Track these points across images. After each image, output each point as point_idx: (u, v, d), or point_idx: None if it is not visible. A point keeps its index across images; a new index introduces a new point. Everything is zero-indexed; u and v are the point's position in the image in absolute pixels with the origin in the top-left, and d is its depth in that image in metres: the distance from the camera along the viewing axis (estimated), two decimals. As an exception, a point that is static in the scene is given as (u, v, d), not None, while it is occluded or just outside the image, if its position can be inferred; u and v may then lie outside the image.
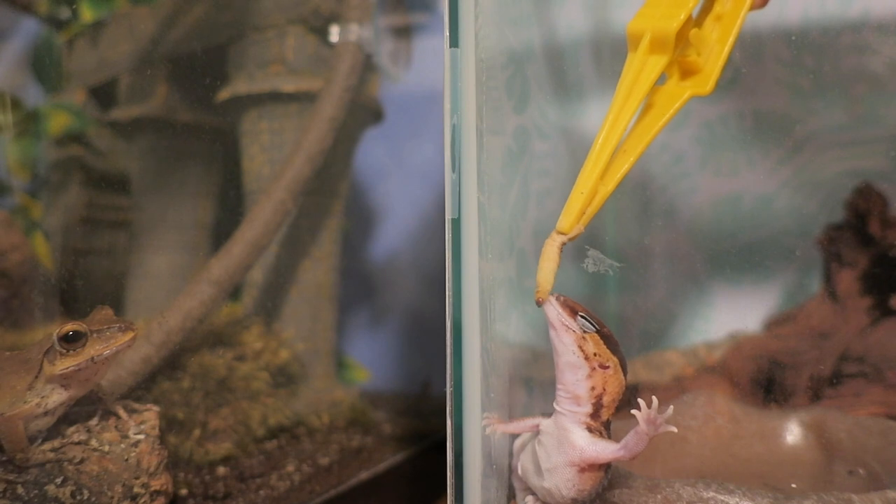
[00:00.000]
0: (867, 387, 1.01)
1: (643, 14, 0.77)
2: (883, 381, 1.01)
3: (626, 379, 0.73)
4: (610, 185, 0.75)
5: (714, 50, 0.80)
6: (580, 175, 0.75)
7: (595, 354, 0.71)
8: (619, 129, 0.75)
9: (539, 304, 0.72)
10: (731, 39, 0.79)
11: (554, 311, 0.72)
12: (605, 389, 0.72)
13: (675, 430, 0.70)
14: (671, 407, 0.70)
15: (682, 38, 0.77)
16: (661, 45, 0.76)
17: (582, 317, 0.72)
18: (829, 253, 1.13)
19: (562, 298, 0.73)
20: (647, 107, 0.78)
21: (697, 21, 0.80)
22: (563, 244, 0.73)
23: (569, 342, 0.71)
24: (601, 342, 0.72)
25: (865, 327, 1.05)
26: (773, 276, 1.21)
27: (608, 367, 0.72)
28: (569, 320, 0.72)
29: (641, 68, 0.76)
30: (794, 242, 1.20)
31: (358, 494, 1.05)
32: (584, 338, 0.71)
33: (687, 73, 0.80)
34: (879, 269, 1.08)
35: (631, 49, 0.78)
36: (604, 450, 0.72)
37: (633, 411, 0.70)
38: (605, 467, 0.74)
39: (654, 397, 0.69)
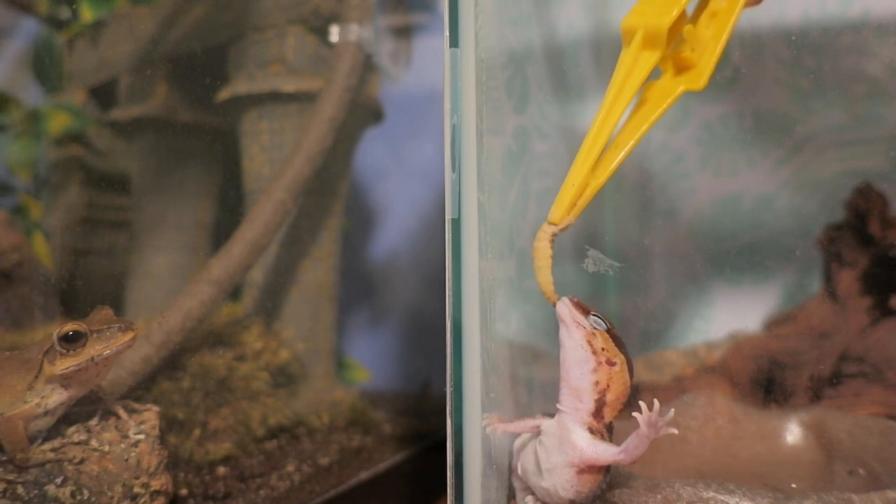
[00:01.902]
0: (867, 387, 1.01)
1: (637, 10, 0.78)
2: (883, 381, 1.01)
3: (631, 381, 0.73)
4: (601, 177, 0.76)
5: (708, 46, 0.80)
6: (572, 167, 0.76)
7: (603, 349, 0.72)
8: (611, 123, 0.76)
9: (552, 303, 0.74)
10: (725, 36, 0.80)
11: (566, 309, 0.74)
12: (608, 386, 0.72)
13: (676, 432, 0.70)
14: (672, 410, 0.70)
15: (675, 35, 0.78)
16: (653, 41, 0.77)
17: (594, 315, 0.73)
18: (829, 253, 1.13)
19: (575, 300, 0.74)
20: (640, 101, 0.79)
21: (692, 18, 0.81)
22: (555, 235, 0.74)
23: (578, 337, 0.73)
24: (609, 340, 0.73)
25: (865, 327, 1.05)
26: (773, 276, 1.21)
27: (615, 364, 0.72)
28: (580, 318, 0.73)
29: (634, 63, 0.77)
30: (794, 242, 1.20)
31: (358, 494, 1.05)
32: (593, 333, 0.73)
33: (681, 68, 0.80)
34: (879, 269, 1.08)
35: (625, 45, 0.78)
36: (604, 452, 0.72)
37: (634, 413, 0.70)
38: (605, 470, 0.74)
39: (655, 400, 0.69)
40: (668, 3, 0.77)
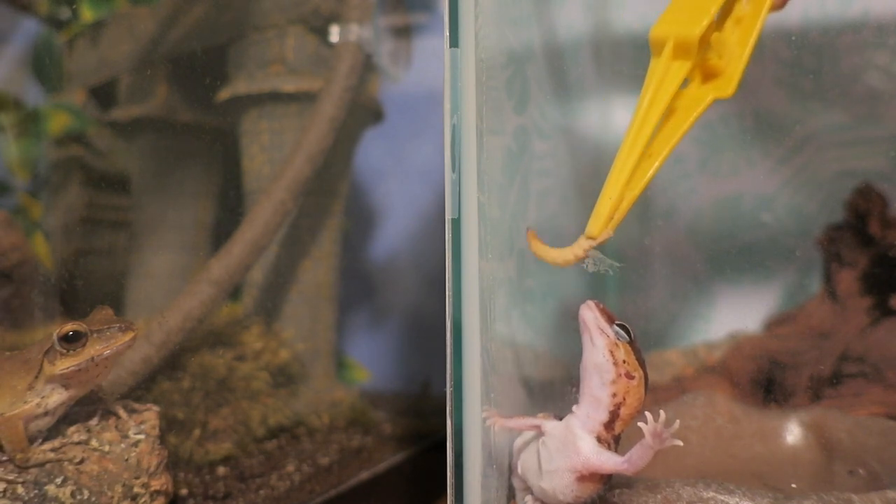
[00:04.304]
0: (867, 387, 1.01)
1: (665, 19, 0.77)
2: (883, 381, 1.01)
3: (645, 396, 0.73)
4: (636, 189, 0.75)
5: (735, 53, 0.80)
6: (607, 180, 0.75)
7: (624, 362, 0.72)
8: (645, 135, 0.75)
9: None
10: (751, 42, 0.79)
11: (591, 314, 0.73)
12: (625, 400, 0.72)
13: (681, 444, 0.69)
14: (677, 421, 0.69)
15: (704, 42, 0.77)
16: (684, 51, 0.76)
17: (618, 325, 0.73)
18: (829, 253, 1.13)
19: (601, 305, 0.74)
20: (670, 111, 0.78)
21: (718, 24, 0.80)
22: (589, 250, 0.74)
23: (601, 345, 0.72)
24: (631, 353, 0.73)
25: (865, 327, 1.05)
26: (773, 276, 1.21)
27: (633, 378, 0.72)
28: (605, 325, 0.73)
29: (665, 74, 0.76)
30: (794, 242, 1.20)
31: (358, 494, 1.05)
32: (616, 344, 0.72)
33: (709, 76, 0.80)
34: (879, 269, 1.08)
35: (654, 54, 0.78)
36: (607, 460, 0.72)
37: (640, 424, 0.70)
38: (606, 478, 0.74)
39: (661, 411, 0.69)
40: (698, 11, 0.76)
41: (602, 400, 0.72)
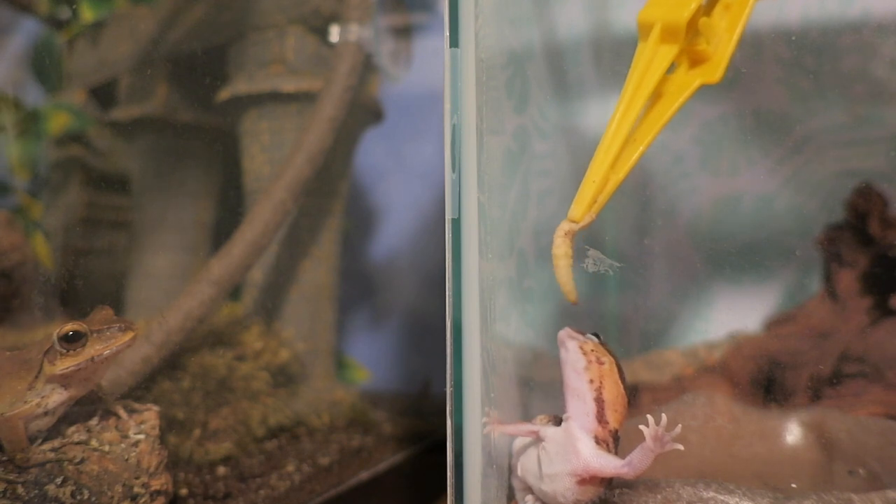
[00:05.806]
0: (867, 387, 1.01)
1: (654, 3, 0.77)
2: (883, 381, 1.01)
3: (623, 385, 0.75)
4: (620, 173, 0.75)
5: (723, 39, 0.79)
6: (591, 164, 0.75)
7: (592, 351, 0.75)
8: (630, 119, 0.75)
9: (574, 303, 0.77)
10: (739, 28, 0.79)
11: (564, 332, 0.77)
12: (602, 384, 0.74)
13: (682, 448, 0.70)
14: (679, 426, 0.70)
15: (691, 27, 0.77)
16: (671, 35, 0.76)
17: (590, 334, 0.77)
18: (829, 253, 1.13)
19: (572, 328, 0.78)
20: (656, 96, 0.78)
21: (706, 9, 0.80)
22: (575, 233, 0.74)
23: (572, 347, 0.76)
24: (599, 346, 0.76)
25: (865, 327, 1.05)
26: (773, 276, 1.21)
27: (604, 363, 0.75)
28: (575, 334, 0.77)
29: (652, 57, 0.76)
30: (794, 242, 1.20)
31: (358, 494, 1.05)
32: (585, 342, 0.76)
33: (696, 61, 0.80)
34: (879, 269, 1.08)
35: (641, 38, 0.77)
36: (608, 464, 0.72)
37: (641, 427, 0.70)
38: (606, 481, 0.74)
39: (663, 415, 0.70)
40: None
41: (583, 390, 0.74)
